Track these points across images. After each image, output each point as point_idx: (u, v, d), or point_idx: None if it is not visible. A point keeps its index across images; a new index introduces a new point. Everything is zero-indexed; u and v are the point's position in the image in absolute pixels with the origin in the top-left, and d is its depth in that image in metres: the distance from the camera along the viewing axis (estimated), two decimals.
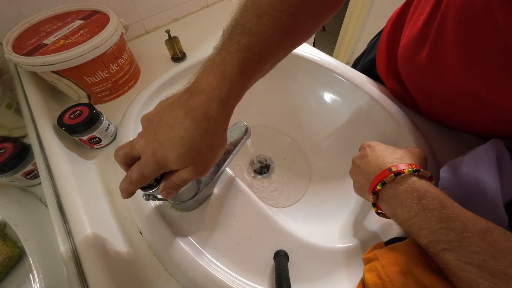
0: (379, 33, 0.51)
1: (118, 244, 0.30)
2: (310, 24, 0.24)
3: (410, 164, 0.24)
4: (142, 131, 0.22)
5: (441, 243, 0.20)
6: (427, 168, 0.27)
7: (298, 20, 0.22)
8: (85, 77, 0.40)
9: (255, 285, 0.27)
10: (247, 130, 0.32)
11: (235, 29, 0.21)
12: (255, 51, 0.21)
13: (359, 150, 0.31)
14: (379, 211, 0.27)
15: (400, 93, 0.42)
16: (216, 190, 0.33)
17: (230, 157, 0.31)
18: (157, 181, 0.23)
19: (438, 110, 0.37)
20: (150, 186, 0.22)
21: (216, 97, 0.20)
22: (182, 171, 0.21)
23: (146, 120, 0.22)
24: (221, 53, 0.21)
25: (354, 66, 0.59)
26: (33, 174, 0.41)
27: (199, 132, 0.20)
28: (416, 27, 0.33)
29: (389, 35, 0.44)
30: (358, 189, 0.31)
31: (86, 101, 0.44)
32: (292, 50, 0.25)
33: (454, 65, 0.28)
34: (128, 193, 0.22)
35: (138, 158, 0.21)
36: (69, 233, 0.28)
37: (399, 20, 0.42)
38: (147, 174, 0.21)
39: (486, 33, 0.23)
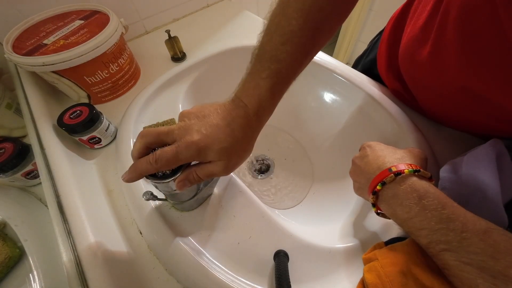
0: (380, 33, 0.51)
1: (118, 244, 0.30)
2: (325, 40, 0.27)
3: (410, 164, 0.24)
4: (183, 122, 0.24)
5: (441, 244, 0.20)
6: (427, 168, 0.27)
7: (318, 41, 0.26)
8: (85, 77, 0.41)
9: (255, 285, 0.27)
10: None
11: (264, 55, 0.25)
12: (282, 75, 0.25)
13: (359, 150, 0.31)
14: (379, 211, 0.27)
15: (401, 93, 0.42)
16: (216, 190, 0.33)
17: None
18: (170, 173, 0.23)
19: (439, 109, 0.37)
20: (163, 176, 0.22)
21: (255, 113, 0.24)
22: (211, 165, 0.24)
23: (189, 114, 0.25)
24: (255, 78, 0.25)
25: (355, 66, 0.59)
26: (33, 174, 0.41)
27: (241, 135, 0.24)
28: (417, 26, 0.33)
29: (390, 34, 0.44)
30: (358, 189, 0.31)
31: (86, 101, 0.44)
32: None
33: (456, 63, 0.28)
34: (140, 174, 0.22)
35: (164, 145, 0.23)
36: (69, 233, 0.28)
37: (400, 20, 0.42)
38: (181, 158, 0.22)
39: (488, 32, 0.23)
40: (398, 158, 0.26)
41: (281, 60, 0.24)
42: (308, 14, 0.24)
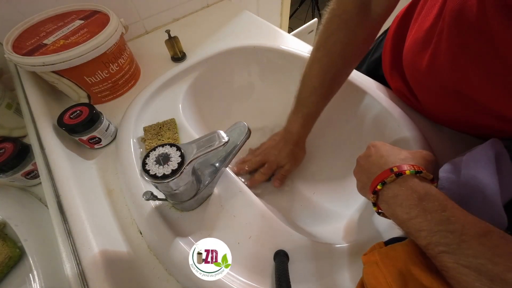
0: (385, 32, 0.51)
1: (118, 244, 0.30)
2: (339, 86, 0.41)
3: (413, 165, 0.24)
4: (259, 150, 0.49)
5: (440, 246, 0.19)
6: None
7: (333, 89, 0.41)
8: (85, 77, 0.41)
9: (255, 285, 0.27)
10: (247, 130, 0.32)
11: (299, 101, 0.42)
12: (309, 117, 0.43)
13: (366, 149, 0.31)
14: (379, 210, 0.27)
15: (404, 93, 0.42)
16: (216, 190, 0.33)
17: (230, 157, 0.31)
18: (170, 173, 0.23)
19: (440, 110, 0.37)
20: (164, 176, 0.23)
21: (297, 135, 0.44)
22: (285, 167, 0.46)
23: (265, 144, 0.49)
24: (294, 116, 0.44)
25: (360, 65, 0.59)
26: (33, 174, 0.41)
27: (293, 148, 0.45)
28: (423, 28, 0.33)
29: (395, 34, 0.44)
30: (361, 189, 0.31)
31: (86, 101, 0.44)
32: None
33: (449, 69, 0.28)
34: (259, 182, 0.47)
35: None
36: (69, 233, 0.28)
37: (405, 19, 0.42)
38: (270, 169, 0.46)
39: (477, 39, 0.24)
40: (402, 159, 0.26)
41: (309, 106, 0.41)
42: (326, 74, 0.37)
